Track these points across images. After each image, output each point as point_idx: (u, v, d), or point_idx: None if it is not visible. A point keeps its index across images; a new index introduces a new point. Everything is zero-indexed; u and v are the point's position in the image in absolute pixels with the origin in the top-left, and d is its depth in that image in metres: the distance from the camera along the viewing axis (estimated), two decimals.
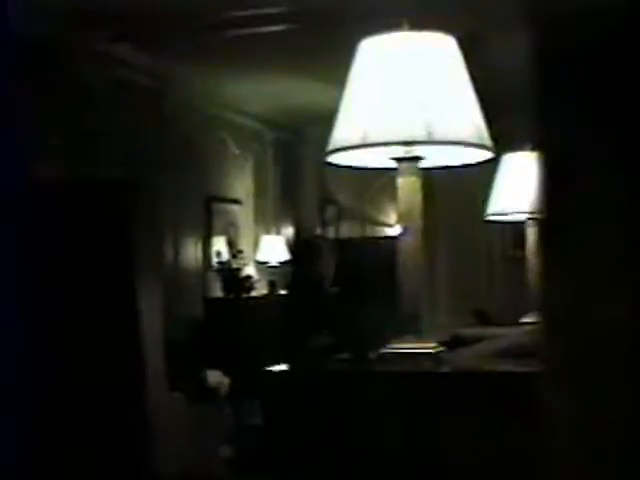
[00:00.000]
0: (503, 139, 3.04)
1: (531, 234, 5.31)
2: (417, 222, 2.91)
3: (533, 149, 4.56)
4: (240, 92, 9.19)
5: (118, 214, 3.70)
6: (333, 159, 2.98)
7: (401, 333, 2.87)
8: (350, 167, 3.11)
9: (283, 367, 2.97)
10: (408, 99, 2.80)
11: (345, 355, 3.12)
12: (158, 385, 3.19)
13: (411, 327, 2.87)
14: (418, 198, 2.91)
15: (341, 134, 2.88)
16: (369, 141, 2.79)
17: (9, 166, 2.67)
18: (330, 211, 11.82)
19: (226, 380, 4.03)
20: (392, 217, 12.70)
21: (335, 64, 7.80)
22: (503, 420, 2.52)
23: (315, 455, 2.68)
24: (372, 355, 2.95)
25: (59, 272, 3.60)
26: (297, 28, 7.15)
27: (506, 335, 3.40)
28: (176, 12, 6.64)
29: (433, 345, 2.85)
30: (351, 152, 2.93)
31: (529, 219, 5.29)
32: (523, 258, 5.98)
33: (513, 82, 8.11)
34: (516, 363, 2.93)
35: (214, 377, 3.94)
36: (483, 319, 10.03)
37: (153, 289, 3.44)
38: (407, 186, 2.91)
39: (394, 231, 12.50)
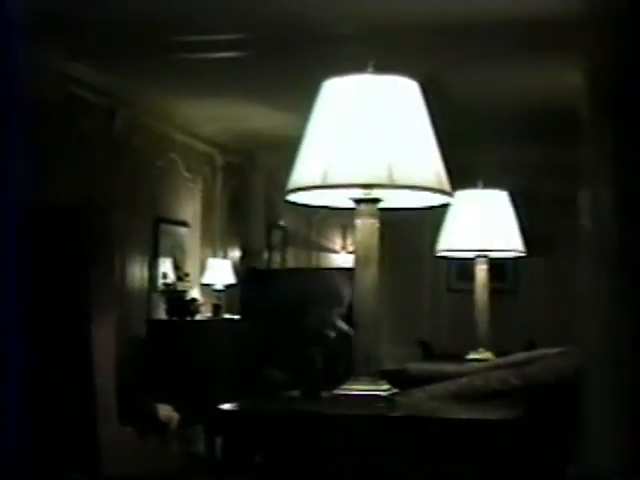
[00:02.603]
0: (457, 176, 3.07)
1: (480, 270, 5.36)
2: (374, 264, 2.91)
3: (485, 186, 4.61)
4: (193, 115, 9.19)
5: (72, 238, 3.63)
6: (293, 198, 2.98)
7: (355, 374, 2.87)
8: (309, 206, 3.12)
9: (236, 406, 2.95)
10: (370, 142, 2.81)
11: (296, 392, 3.12)
12: (110, 418, 3.14)
13: (365, 368, 2.87)
14: (376, 240, 2.92)
15: (302, 173, 2.88)
16: (329, 182, 2.80)
17: None
18: (277, 235, 11.84)
19: (176, 415, 4.00)
20: (337, 243, 12.76)
21: (287, 92, 7.91)
22: (456, 467, 2.54)
23: None
24: (324, 395, 2.94)
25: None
26: (252, 55, 7.17)
27: (457, 376, 3.42)
28: (134, 33, 6.62)
29: (386, 387, 2.85)
30: (311, 191, 2.93)
31: (478, 256, 5.34)
32: (466, 291, 6.04)
33: (467, 120, 8.26)
34: (468, 407, 2.96)
35: (164, 411, 3.90)
36: (426, 349, 10.13)
37: (107, 316, 3.39)
38: (365, 228, 2.91)
39: (340, 259, 12.55)
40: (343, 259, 12.42)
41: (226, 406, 2.91)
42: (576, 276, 2.40)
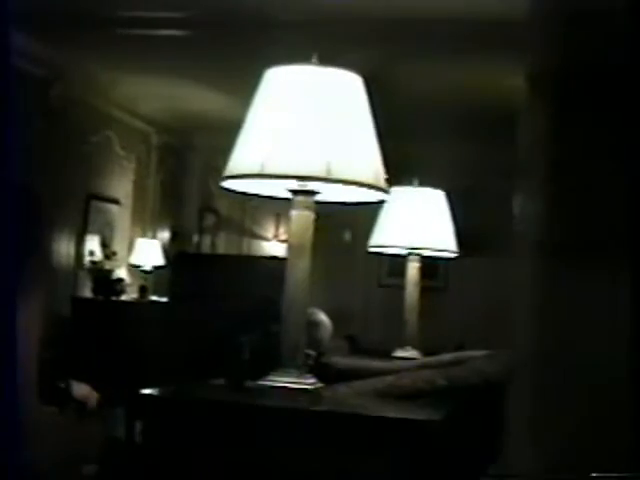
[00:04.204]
0: (394, 172, 3.06)
1: (411, 268, 5.35)
2: (307, 256, 2.89)
3: (421, 184, 4.61)
4: (132, 92, 9.06)
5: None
6: (229, 184, 2.94)
7: (282, 366, 2.85)
8: (245, 194, 3.08)
9: (157, 391, 2.90)
10: (309, 134, 2.79)
11: (221, 382, 3.08)
12: (30, 396, 3.07)
13: (292, 361, 2.85)
14: (310, 232, 2.90)
15: (239, 161, 2.85)
16: (266, 172, 2.78)
17: None
18: (209, 219, 11.75)
19: (95, 394, 3.93)
20: (270, 231, 12.70)
21: (229, 74, 7.84)
22: (376, 463, 2.52)
23: None
24: (249, 385, 2.91)
25: None
26: (195, 35, 7.10)
27: (382, 373, 3.41)
28: (76, 4, 6.50)
29: (312, 381, 2.84)
30: (248, 179, 2.90)
31: (410, 254, 5.34)
32: (397, 286, 6.03)
33: (407, 117, 8.27)
34: (393, 405, 2.94)
35: (80, 390, 3.84)
36: (353, 344, 10.14)
37: (35, 296, 3.30)
38: (300, 219, 2.89)
39: (271, 247, 12.50)
40: (274, 247, 12.36)
41: (147, 391, 2.86)
42: (507, 275, 2.38)
